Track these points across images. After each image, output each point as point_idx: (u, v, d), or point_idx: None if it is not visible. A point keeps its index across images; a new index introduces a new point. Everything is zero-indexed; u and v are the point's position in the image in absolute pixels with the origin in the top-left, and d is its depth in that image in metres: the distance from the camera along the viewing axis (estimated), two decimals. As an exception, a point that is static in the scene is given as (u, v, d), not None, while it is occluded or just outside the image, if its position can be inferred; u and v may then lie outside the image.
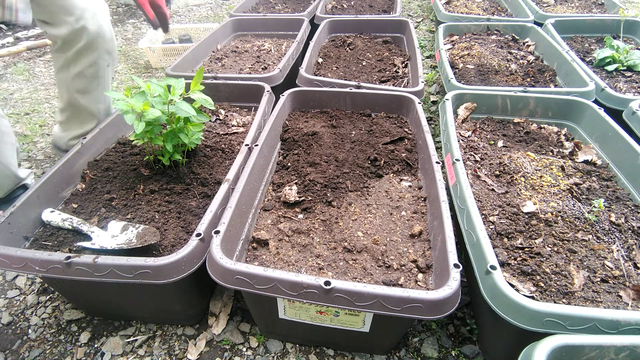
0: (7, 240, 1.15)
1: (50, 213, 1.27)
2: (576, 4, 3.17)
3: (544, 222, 1.23)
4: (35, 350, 1.26)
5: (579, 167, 1.47)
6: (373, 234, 1.22)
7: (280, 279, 0.94)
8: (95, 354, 1.24)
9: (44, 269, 1.02)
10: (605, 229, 1.22)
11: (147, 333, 1.30)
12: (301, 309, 1.05)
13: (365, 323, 1.05)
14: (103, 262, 1.00)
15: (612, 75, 2.14)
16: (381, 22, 2.72)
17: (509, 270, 1.10)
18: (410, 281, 1.09)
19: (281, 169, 1.52)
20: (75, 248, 1.19)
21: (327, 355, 1.23)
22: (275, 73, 1.91)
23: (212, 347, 1.26)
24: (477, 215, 1.13)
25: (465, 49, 2.41)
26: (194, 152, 1.51)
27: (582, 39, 2.58)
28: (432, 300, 0.88)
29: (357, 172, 1.45)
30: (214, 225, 1.10)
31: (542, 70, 2.15)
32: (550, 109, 1.75)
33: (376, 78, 2.15)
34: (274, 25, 2.80)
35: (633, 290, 1.04)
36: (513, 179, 1.40)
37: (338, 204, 1.32)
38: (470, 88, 1.81)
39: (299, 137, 1.63)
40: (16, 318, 1.36)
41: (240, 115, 1.83)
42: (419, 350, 1.24)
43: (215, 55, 2.46)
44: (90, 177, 1.44)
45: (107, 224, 1.25)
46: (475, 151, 1.56)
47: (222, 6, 4.63)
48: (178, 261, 1.00)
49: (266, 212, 1.33)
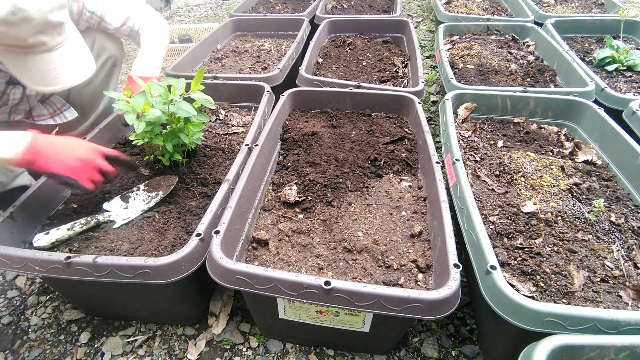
0: (7, 240, 1.15)
1: (45, 235, 1.16)
2: (576, 4, 3.16)
3: (544, 222, 1.23)
4: (35, 350, 1.26)
5: (579, 167, 1.47)
6: (373, 234, 1.22)
7: (280, 279, 0.94)
8: (95, 354, 1.24)
9: (44, 269, 1.02)
10: (605, 229, 1.22)
11: (147, 333, 1.30)
12: (301, 309, 1.05)
13: (365, 323, 1.05)
14: (103, 262, 1.00)
15: (612, 75, 2.14)
16: (381, 22, 2.72)
17: (509, 270, 1.10)
18: (410, 281, 1.09)
19: (281, 169, 1.52)
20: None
21: (327, 355, 1.23)
22: (275, 73, 1.91)
23: (212, 347, 1.26)
24: (477, 215, 1.13)
25: (465, 49, 2.41)
26: (194, 152, 1.50)
27: (582, 39, 2.58)
28: (432, 300, 0.88)
29: (357, 172, 1.45)
30: (214, 225, 1.10)
31: (542, 70, 2.15)
32: (550, 109, 1.75)
33: (376, 78, 2.15)
34: (274, 25, 2.80)
35: (633, 290, 1.04)
36: (513, 179, 1.40)
37: (338, 204, 1.32)
38: (470, 88, 1.81)
39: (299, 137, 1.63)
40: (16, 318, 1.36)
41: (240, 115, 1.83)
42: (419, 350, 1.24)
43: (215, 55, 2.46)
44: (90, 177, 1.44)
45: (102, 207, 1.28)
46: (475, 151, 1.56)
47: (222, 6, 4.63)
48: (178, 261, 1.00)
49: (266, 212, 1.33)
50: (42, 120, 1.58)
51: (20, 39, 1.04)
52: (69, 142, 1.15)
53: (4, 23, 0.99)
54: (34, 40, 1.07)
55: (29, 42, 1.07)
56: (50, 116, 1.60)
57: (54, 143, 1.11)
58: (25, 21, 1.02)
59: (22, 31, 1.03)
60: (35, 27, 1.05)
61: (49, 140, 1.11)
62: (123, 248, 1.14)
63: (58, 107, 1.62)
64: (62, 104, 1.63)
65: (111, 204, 1.29)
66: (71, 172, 1.11)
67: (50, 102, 1.61)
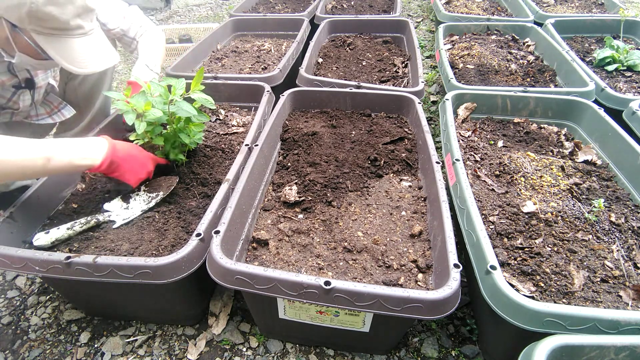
0: (7, 240, 1.14)
1: (45, 234, 1.15)
2: (576, 4, 3.16)
3: (544, 222, 1.23)
4: (35, 350, 1.26)
5: (579, 167, 1.47)
6: (373, 234, 1.22)
7: (280, 279, 0.94)
8: (95, 354, 1.24)
9: (44, 269, 1.02)
10: (605, 229, 1.22)
11: (147, 333, 1.30)
12: (301, 309, 1.05)
13: (365, 323, 1.05)
14: (103, 262, 1.00)
15: (612, 75, 2.14)
16: (381, 22, 2.72)
17: (509, 270, 1.10)
18: (410, 281, 1.09)
19: (281, 169, 1.52)
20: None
21: (327, 355, 1.23)
22: (275, 73, 1.91)
23: (212, 347, 1.26)
24: (477, 215, 1.13)
25: (465, 49, 2.41)
26: (194, 152, 1.50)
27: (582, 39, 2.58)
28: (432, 300, 0.88)
29: (357, 172, 1.45)
30: (214, 225, 1.10)
31: (542, 70, 2.15)
32: (550, 109, 1.75)
33: (376, 78, 2.15)
34: (274, 25, 2.80)
35: (633, 290, 1.04)
36: (513, 179, 1.40)
37: (338, 204, 1.32)
38: (470, 88, 1.81)
39: (299, 137, 1.63)
40: (16, 318, 1.36)
41: (240, 115, 1.83)
42: (419, 350, 1.24)
43: (215, 55, 2.46)
44: (90, 177, 1.44)
45: (102, 207, 1.29)
46: (475, 151, 1.56)
47: (222, 6, 4.63)
48: (178, 261, 1.00)
49: (266, 212, 1.33)
50: (40, 119, 1.58)
51: (63, 22, 1.11)
52: (137, 154, 1.27)
53: (53, 3, 1.07)
54: (74, 22, 1.14)
55: (71, 24, 1.13)
56: (48, 115, 1.61)
57: (129, 152, 1.24)
58: (70, 2, 1.11)
59: (66, 12, 1.10)
60: (76, 9, 1.13)
61: (124, 149, 1.23)
62: (123, 248, 1.14)
63: (55, 105, 1.63)
64: (59, 102, 1.64)
65: (111, 204, 1.29)
66: (138, 182, 1.26)
67: (47, 101, 1.61)
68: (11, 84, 1.37)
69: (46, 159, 1.04)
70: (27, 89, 1.43)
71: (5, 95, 1.38)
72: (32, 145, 1.03)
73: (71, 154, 1.10)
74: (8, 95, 1.39)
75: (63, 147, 1.09)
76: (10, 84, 1.36)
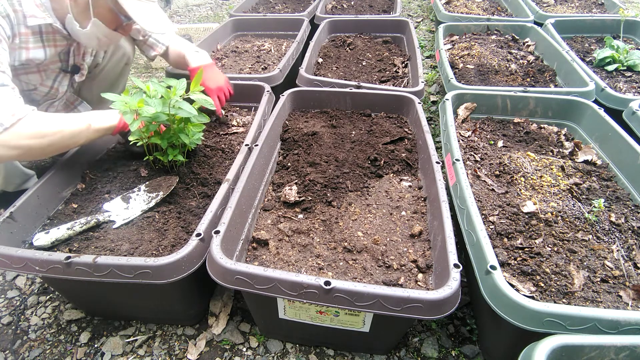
0: (7, 240, 1.14)
1: (45, 234, 1.16)
2: (576, 4, 3.17)
3: (544, 222, 1.23)
4: (35, 350, 1.26)
5: (579, 167, 1.47)
6: (373, 234, 1.22)
7: (280, 279, 0.94)
8: (95, 354, 1.24)
9: (44, 269, 1.02)
10: (605, 229, 1.22)
11: (147, 333, 1.30)
12: (301, 309, 1.05)
13: (365, 323, 1.05)
14: (103, 262, 1.00)
15: (612, 75, 2.14)
16: (381, 22, 2.72)
17: (509, 270, 1.10)
18: (410, 281, 1.09)
19: (281, 169, 1.52)
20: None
21: (327, 355, 1.23)
22: (275, 73, 1.91)
23: (212, 347, 1.26)
24: (477, 215, 1.13)
25: (465, 49, 2.41)
26: (194, 152, 1.50)
27: (582, 39, 2.58)
28: (432, 300, 0.88)
29: (357, 172, 1.45)
30: (214, 225, 1.10)
31: (542, 70, 2.15)
32: (550, 109, 1.75)
33: (376, 78, 2.15)
34: (274, 25, 2.80)
35: (633, 290, 1.04)
36: (513, 179, 1.40)
37: (338, 204, 1.32)
38: (470, 88, 1.81)
39: (299, 137, 1.62)
40: (16, 318, 1.36)
41: (240, 115, 1.83)
42: (419, 350, 1.24)
43: (215, 55, 2.45)
44: (90, 177, 1.44)
45: (102, 207, 1.29)
46: (475, 151, 1.56)
47: (222, 6, 4.63)
48: (178, 261, 1.00)
49: (266, 212, 1.33)
50: None
51: None
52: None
53: None
54: None
55: None
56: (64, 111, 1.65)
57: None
58: None
59: None
60: None
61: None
62: (123, 248, 1.14)
63: (71, 101, 1.70)
64: (75, 98, 1.72)
65: (111, 204, 1.29)
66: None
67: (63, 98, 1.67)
68: (56, 67, 1.48)
69: (88, 125, 1.25)
70: (71, 72, 1.55)
71: (48, 83, 1.50)
72: (75, 117, 1.24)
73: (100, 118, 1.31)
74: (50, 83, 1.50)
75: (94, 114, 1.31)
76: (55, 67, 1.47)
